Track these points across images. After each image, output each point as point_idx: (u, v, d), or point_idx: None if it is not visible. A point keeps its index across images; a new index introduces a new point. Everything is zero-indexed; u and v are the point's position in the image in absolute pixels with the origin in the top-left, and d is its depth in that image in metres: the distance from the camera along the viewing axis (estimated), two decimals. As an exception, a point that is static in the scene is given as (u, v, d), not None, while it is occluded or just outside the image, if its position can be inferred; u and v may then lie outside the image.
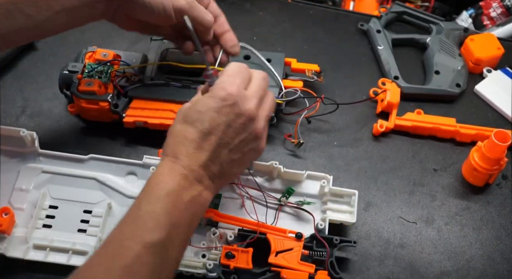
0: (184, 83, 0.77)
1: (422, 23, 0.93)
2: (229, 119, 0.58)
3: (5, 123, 0.77)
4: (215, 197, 0.69)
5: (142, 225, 0.53)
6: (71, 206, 0.69)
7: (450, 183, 0.77)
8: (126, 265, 0.50)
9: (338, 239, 0.66)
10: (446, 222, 0.73)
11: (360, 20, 0.93)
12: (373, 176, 0.77)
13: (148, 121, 0.75)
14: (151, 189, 0.55)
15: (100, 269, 0.51)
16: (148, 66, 0.78)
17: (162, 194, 0.54)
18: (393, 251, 0.71)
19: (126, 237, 0.52)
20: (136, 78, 0.77)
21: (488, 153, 0.72)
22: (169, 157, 0.57)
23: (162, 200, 0.54)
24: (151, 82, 0.77)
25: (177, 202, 0.55)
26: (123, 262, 0.50)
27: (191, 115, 0.59)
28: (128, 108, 0.75)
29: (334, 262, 0.65)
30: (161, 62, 0.78)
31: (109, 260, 0.51)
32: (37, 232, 0.67)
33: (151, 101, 0.76)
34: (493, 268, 0.70)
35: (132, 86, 0.76)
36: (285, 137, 0.78)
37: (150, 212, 0.53)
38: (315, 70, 0.81)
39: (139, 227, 0.53)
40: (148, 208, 0.54)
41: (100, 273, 0.50)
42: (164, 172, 0.56)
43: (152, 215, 0.53)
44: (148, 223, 0.53)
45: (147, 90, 0.76)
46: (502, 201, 0.76)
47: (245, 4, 0.95)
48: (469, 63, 0.87)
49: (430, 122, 0.80)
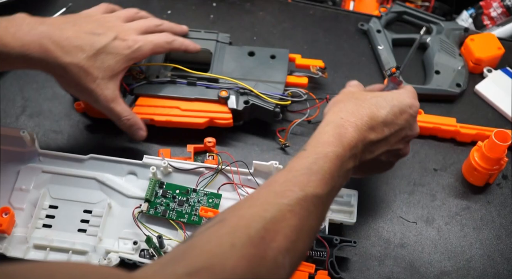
0: (190, 80, 0.77)
1: (422, 23, 0.93)
2: (405, 125, 0.63)
3: (5, 123, 0.78)
4: (215, 196, 0.69)
5: (308, 177, 0.53)
6: (71, 206, 0.70)
7: (450, 183, 0.77)
8: (288, 203, 0.50)
9: (338, 239, 0.66)
10: (446, 222, 0.73)
11: (360, 20, 0.93)
12: (374, 176, 0.76)
13: (154, 119, 0.75)
14: (321, 146, 0.56)
15: (260, 201, 0.51)
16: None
17: (333, 156, 0.55)
18: (393, 251, 0.71)
19: (293, 183, 0.52)
20: (141, 76, 0.77)
21: (488, 153, 0.72)
22: (338, 126, 0.58)
23: (331, 161, 0.55)
24: (156, 80, 0.77)
25: (341, 168, 0.56)
26: (286, 200, 0.51)
27: (375, 99, 0.62)
28: (134, 105, 0.76)
29: (334, 262, 0.65)
30: (166, 64, 0.79)
31: (270, 196, 0.51)
32: (37, 232, 0.68)
33: (157, 98, 0.76)
34: (493, 268, 0.70)
35: (137, 84, 0.77)
36: (276, 131, 0.78)
37: (319, 167, 0.54)
38: (320, 66, 0.81)
39: (305, 177, 0.53)
40: (318, 163, 0.54)
41: (260, 205, 0.50)
42: (333, 134, 0.57)
43: (320, 171, 0.54)
44: (314, 176, 0.53)
45: (152, 88, 0.77)
46: (502, 201, 0.76)
47: (245, 4, 0.95)
48: (469, 63, 0.87)
49: (431, 122, 0.80)
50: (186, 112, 0.75)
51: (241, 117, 0.77)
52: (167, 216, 0.68)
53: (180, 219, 0.68)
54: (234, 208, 0.51)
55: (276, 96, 0.76)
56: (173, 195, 0.69)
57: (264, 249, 0.47)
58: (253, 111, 0.77)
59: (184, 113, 0.75)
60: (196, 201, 0.69)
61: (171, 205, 0.69)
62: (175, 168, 0.71)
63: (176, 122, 0.76)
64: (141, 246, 0.66)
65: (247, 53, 0.81)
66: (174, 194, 0.69)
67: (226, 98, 0.75)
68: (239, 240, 0.46)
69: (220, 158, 0.72)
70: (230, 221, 0.49)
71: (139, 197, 0.70)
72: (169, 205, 0.69)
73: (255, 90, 0.75)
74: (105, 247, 0.66)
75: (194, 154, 0.74)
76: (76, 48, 0.66)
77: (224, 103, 0.75)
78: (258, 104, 0.75)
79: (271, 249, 0.47)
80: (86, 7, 0.87)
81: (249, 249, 0.46)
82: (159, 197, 0.69)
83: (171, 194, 0.69)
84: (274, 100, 0.75)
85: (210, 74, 0.77)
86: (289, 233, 0.49)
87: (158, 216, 0.68)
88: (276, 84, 0.77)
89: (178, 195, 0.69)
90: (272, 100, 0.75)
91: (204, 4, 0.95)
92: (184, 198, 0.69)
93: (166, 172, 0.71)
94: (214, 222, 0.49)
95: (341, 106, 0.61)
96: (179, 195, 0.69)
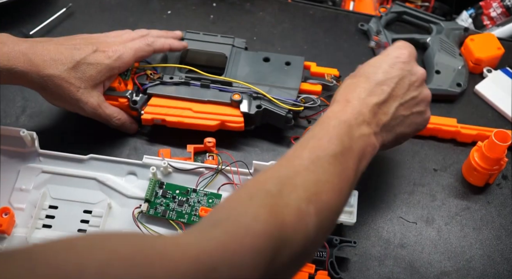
0: (204, 82, 0.77)
1: (422, 23, 0.93)
2: (403, 74, 0.62)
3: (5, 123, 0.78)
4: (215, 196, 0.69)
5: (317, 141, 0.54)
6: (71, 206, 0.70)
7: (450, 183, 0.77)
8: (300, 164, 0.52)
9: (338, 239, 0.66)
10: (446, 222, 0.73)
11: (360, 20, 0.93)
12: (373, 176, 0.77)
13: (166, 119, 0.75)
14: (322, 122, 0.57)
15: (274, 166, 0.53)
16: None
17: (336, 123, 0.56)
18: (393, 251, 0.71)
19: (302, 148, 0.54)
20: (155, 76, 0.77)
21: (488, 153, 0.72)
22: (339, 102, 0.59)
23: (334, 127, 0.56)
24: (170, 81, 0.77)
25: (350, 132, 0.56)
26: (298, 161, 0.52)
27: (363, 70, 0.63)
28: (147, 105, 0.76)
29: (334, 262, 0.65)
30: (181, 65, 0.79)
31: (283, 161, 0.53)
32: (37, 232, 0.67)
33: (170, 99, 0.76)
34: (493, 268, 0.70)
35: (151, 84, 0.77)
36: (291, 140, 0.78)
37: (325, 133, 0.55)
38: (334, 75, 0.81)
39: (313, 142, 0.54)
40: (323, 131, 0.55)
41: (274, 168, 0.52)
42: (335, 111, 0.58)
43: (326, 136, 0.55)
44: (321, 141, 0.54)
45: (166, 88, 0.77)
46: (502, 201, 0.76)
47: (245, 4, 0.95)
48: (469, 63, 0.87)
49: (431, 123, 0.79)
50: (198, 114, 0.75)
51: (252, 122, 0.76)
52: (167, 216, 0.68)
53: (180, 219, 0.68)
54: (251, 178, 0.52)
55: (289, 102, 0.75)
56: (173, 195, 0.69)
57: (283, 198, 0.48)
58: (265, 116, 0.76)
59: (196, 114, 0.75)
60: (196, 201, 0.69)
61: (171, 205, 0.69)
62: (175, 168, 0.71)
63: (187, 124, 0.75)
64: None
65: (262, 59, 0.81)
66: (174, 194, 0.69)
67: (239, 101, 0.75)
68: (257, 194, 0.48)
69: (220, 158, 0.72)
70: (247, 184, 0.52)
71: (139, 197, 0.70)
72: (169, 205, 0.69)
73: (268, 95, 0.75)
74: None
75: (194, 154, 0.75)
76: (56, 61, 0.68)
77: (236, 107, 0.75)
78: (271, 109, 0.75)
79: (291, 199, 0.48)
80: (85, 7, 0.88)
81: (269, 199, 0.48)
82: (159, 197, 0.69)
83: (171, 194, 0.69)
84: (287, 106, 0.75)
85: (224, 78, 0.77)
86: (307, 185, 0.50)
87: (158, 216, 0.68)
88: (290, 90, 0.77)
89: (178, 195, 0.69)
90: (285, 105, 0.75)
91: (204, 4, 0.95)
92: (184, 198, 0.69)
93: (166, 172, 0.71)
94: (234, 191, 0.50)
95: (341, 87, 0.63)
96: (179, 195, 0.69)
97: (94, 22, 0.91)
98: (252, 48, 0.85)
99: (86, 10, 0.92)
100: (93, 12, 0.92)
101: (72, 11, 0.91)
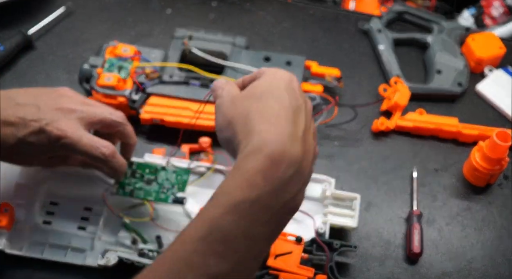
0: (203, 82, 0.77)
1: (423, 22, 0.93)
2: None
3: (4, 123, 0.77)
4: (184, 173, 0.69)
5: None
6: (72, 203, 0.69)
7: (451, 183, 0.76)
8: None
9: (338, 243, 0.65)
10: (447, 222, 0.73)
11: (360, 19, 0.93)
12: (374, 176, 0.76)
13: (164, 119, 0.75)
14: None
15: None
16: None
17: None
18: (394, 251, 0.70)
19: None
20: (155, 75, 0.77)
21: (489, 153, 0.71)
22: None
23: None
24: (170, 80, 0.77)
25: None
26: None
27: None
28: (146, 104, 0.76)
29: (333, 267, 0.64)
30: (180, 64, 0.79)
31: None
32: (37, 228, 0.67)
33: (169, 98, 0.76)
34: (494, 268, 0.69)
35: (151, 83, 0.76)
36: None
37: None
38: (336, 75, 0.81)
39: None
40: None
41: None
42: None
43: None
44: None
45: (165, 88, 0.77)
46: (503, 202, 0.75)
47: (245, 4, 0.95)
48: (470, 62, 0.87)
49: (432, 123, 0.79)
50: (197, 114, 0.75)
51: None
52: (135, 195, 0.67)
53: (148, 197, 0.67)
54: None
55: None
56: (141, 174, 0.69)
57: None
58: None
59: (195, 114, 0.75)
60: (165, 179, 0.69)
61: (139, 184, 0.68)
62: (175, 167, 0.71)
63: (186, 124, 0.75)
64: (140, 245, 0.66)
65: (263, 58, 0.81)
66: (143, 173, 0.69)
67: None
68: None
69: (214, 157, 0.72)
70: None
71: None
72: (137, 184, 0.68)
73: None
74: (104, 246, 0.66)
75: (189, 154, 0.74)
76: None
77: None
78: None
79: None
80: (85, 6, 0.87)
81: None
82: (128, 177, 0.68)
83: (140, 174, 0.69)
84: None
85: (223, 77, 0.77)
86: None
87: (127, 196, 0.68)
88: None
89: (146, 174, 0.69)
90: None
91: (204, 4, 0.95)
92: (152, 177, 0.69)
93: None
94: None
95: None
96: (147, 174, 0.69)
97: (93, 21, 0.90)
98: (252, 48, 0.84)
99: (85, 10, 0.92)
100: (92, 11, 0.92)
101: (71, 10, 0.90)
